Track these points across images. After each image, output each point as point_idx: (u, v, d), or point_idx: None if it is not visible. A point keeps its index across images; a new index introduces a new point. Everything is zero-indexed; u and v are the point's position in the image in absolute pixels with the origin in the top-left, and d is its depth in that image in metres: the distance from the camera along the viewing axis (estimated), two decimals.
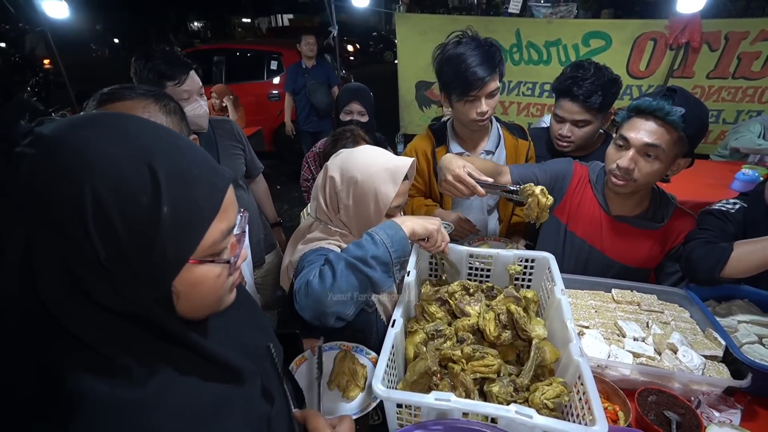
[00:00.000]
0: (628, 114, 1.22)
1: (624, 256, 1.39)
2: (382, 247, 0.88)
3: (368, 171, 1.02)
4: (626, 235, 1.37)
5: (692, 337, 1.09)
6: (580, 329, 1.14)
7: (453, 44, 1.45)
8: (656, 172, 1.18)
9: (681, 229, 1.33)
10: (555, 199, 1.47)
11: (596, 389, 0.80)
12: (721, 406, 0.93)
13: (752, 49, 3.61)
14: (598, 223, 1.41)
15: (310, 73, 4.18)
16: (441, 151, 1.66)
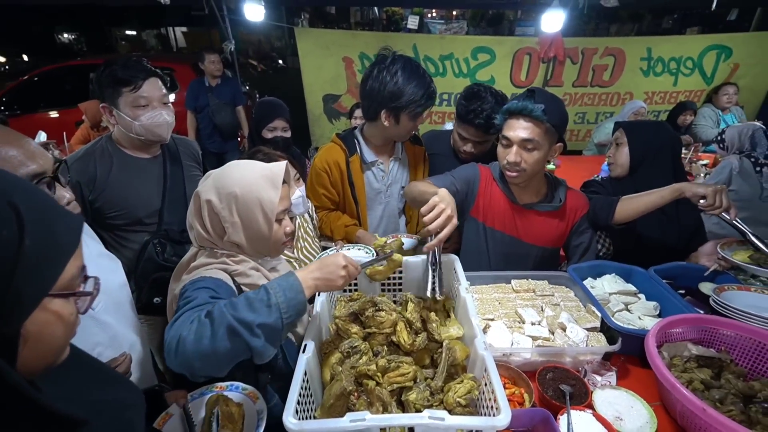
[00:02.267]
0: (504, 117, 1.40)
1: (538, 239, 1.55)
2: (276, 313, 0.80)
3: (246, 182, 0.98)
4: (535, 220, 1.53)
5: (577, 314, 1.24)
6: (487, 322, 1.21)
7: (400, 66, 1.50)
8: (539, 160, 1.38)
9: (576, 206, 1.54)
10: (468, 201, 1.58)
11: (499, 380, 0.85)
12: (601, 371, 1.06)
13: (601, 62, 4.35)
14: (510, 213, 1.55)
15: (214, 92, 3.94)
16: (354, 160, 1.68)
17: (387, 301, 1.13)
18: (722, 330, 1.09)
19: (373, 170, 1.72)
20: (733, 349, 1.08)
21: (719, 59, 4.46)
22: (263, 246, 1.05)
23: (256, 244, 1.04)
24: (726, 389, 0.97)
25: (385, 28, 10.59)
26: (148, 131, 1.48)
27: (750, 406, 0.93)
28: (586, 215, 1.54)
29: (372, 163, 1.71)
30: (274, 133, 2.22)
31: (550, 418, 0.91)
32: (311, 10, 11.18)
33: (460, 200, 1.54)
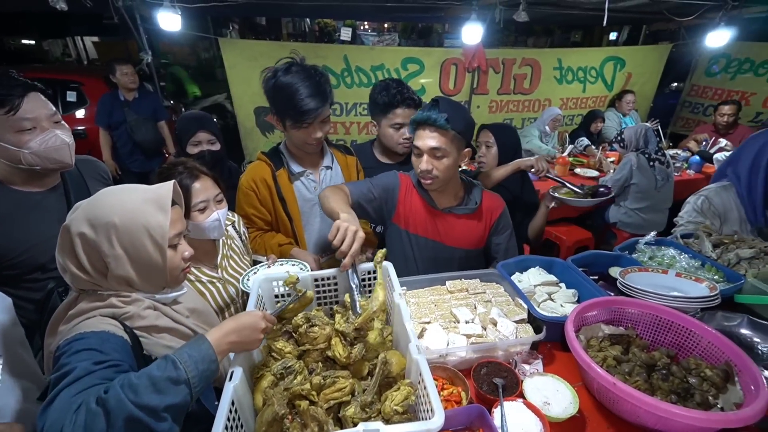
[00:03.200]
0: (413, 127, 1.46)
1: (460, 241, 1.60)
2: (185, 390, 0.72)
3: (126, 209, 0.87)
4: (455, 223, 1.59)
5: (507, 308, 1.30)
6: (423, 326, 1.23)
7: (283, 71, 1.47)
8: (450, 166, 1.44)
9: (492, 207, 1.62)
10: (389, 208, 1.60)
11: (433, 383, 0.86)
12: (530, 360, 1.13)
13: (521, 72, 4.71)
14: (431, 218, 1.59)
15: (131, 107, 3.62)
16: (281, 174, 1.64)
17: (320, 316, 1.10)
18: (628, 309, 1.21)
19: (302, 181, 1.68)
20: (638, 324, 1.20)
21: (616, 69, 5.07)
22: (158, 277, 0.94)
23: (149, 276, 0.92)
24: (633, 362, 1.07)
25: (318, 40, 10.54)
26: (44, 159, 1.25)
27: (652, 374, 1.04)
28: (502, 215, 1.63)
29: (300, 174, 1.67)
30: (199, 147, 2.10)
31: (485, 412, 0.94)
32: (240, 21, 10.82)
33: (377, 207, 1.57)
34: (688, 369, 1.04)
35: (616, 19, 5.30)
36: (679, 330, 1.13)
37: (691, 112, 5.39)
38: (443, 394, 1.05)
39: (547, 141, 4.33)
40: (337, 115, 4.29)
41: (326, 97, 1.49)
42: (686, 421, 0.83)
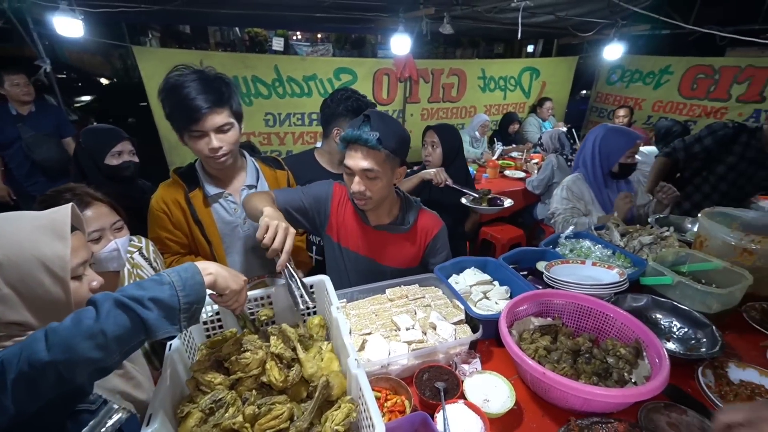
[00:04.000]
0: (343, 145, 1.35)
1: (392, 260, 1.58)
2: (170, 290, 0.74)
3: (13, 241, 0.75)
4: (388, 241, 1.56)
5: (445, 311, 1.32)
6: (364, 337, 1.21)
7: (176, 74, 1.34)
8: (384, 187, 1.38)
9: (427, 227, 1.58)
10: (321, 219, 1.56)
11: (372, 396, 0.84)
12: (468, 360, 1.15)
13: (448, 81, 4.95)
14: (363, 235, 1.56)
15: (26, 122, 3.18)
16: (196, 195, 1.51)
17: (253, 340, 1.03)
18: (554, 300, 1.29)
19: (221, 203, 1.54)
20: (563, 314, 1.29)
21: (532, 78, 5.55)
22: (62, 315, 0.81)
23: (49, 315, 0.78)
24: (561, 349, 1.14)
25: (249, 50, 10.19)
26: None
27: (578, 359, 1.12)
28: (438, 236, 1.59)
29: (217, 196, 1.53)
30: (121, 158, 1.92)
31: (427, 419, 0.94)
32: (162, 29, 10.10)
33: (309, 217, 1.52)
34: (606, 350, 1.13)
35: (529, 33, 5.79)
36: (598, 315, 1.23)
37: (598, 116, 6.04)
38: (387, 405, 1.04)
39: (478, 146, 4.58)
40: (270, 126, 4.17)
41: (222, 100, 1.34)
42: (606, 400, 0.90)
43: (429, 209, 1.68)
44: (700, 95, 4.78)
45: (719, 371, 1.13)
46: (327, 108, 1.94)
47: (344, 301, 1.39)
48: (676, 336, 1.31)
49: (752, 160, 2.21)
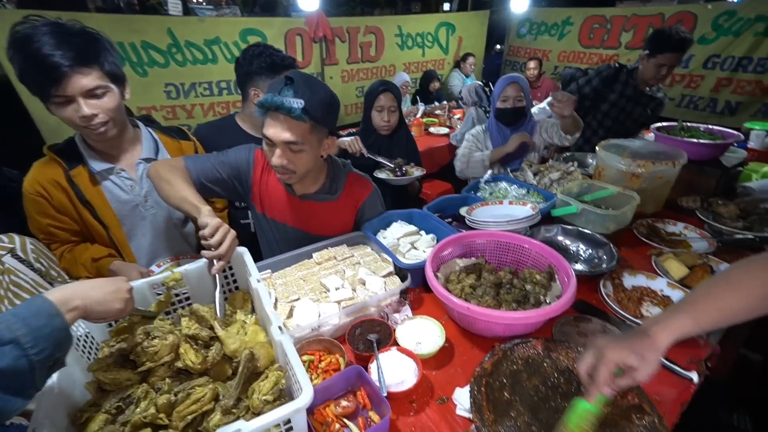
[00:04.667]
0: (262, 111, 1.16)
1: (323, 229, 1.50)
2: (13, 352, 0.58)
3: None
4: (316, 211, 1.46)
5: (374, 266, 1.31)
6: (291, 304, 1.16)
7: (25, 26, 1.06)
8: (310, 160, 1.25)
9: (357, 193, 1.51)
10: (244, 188, 1.43)
11: (298, 359, 0.81)
12: (399, 309, 1.16)
13: (365, 40, 4.78)
14: (290, 205, 1.45)
15: None
16: (80, 173, 1.28)
17: (161, 325, 0.93)
18: (476, 240, 1.34)
19: (113, 180, 1.33)
20: (485, 252, 1.34)
21: (448, 33, 5.57)
22: None
23: None
24: (485, 285, 1.20)
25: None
26: None
27: (500, 291, 1.18)
28: (368, 200, 1.52)
29: (107, 172, 1.31)
30: None
31: (361, 371, 0.93)
32: None
33: (229, 188, 1.39)
34: (524, 279, 1.21)
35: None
36: (516, 248, 1.30)
37: (512, 69, 6.31)
38: (321, 366, 1.01)
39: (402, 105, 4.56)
40: (173, 98, 3.72)
41: (88, 57, 1.11)
42: (524, 322, 0.96)
43: (360, 172, 1.61)
44: (596, 44, 5.18)
45: (616, 281, 1.27)
46: (240, 67, 1.74)
47: (268, 272, 1.32)
48: (583, 258, 1.45)
49: (630, 97, 2.45)
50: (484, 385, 0.90)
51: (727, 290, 0.75)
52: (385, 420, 0.82)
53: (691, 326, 0.74)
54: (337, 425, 0.87)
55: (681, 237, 1.54)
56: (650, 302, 1.20)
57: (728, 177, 1.74)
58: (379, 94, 2.03)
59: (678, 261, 1.31)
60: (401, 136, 2.22)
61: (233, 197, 1.47)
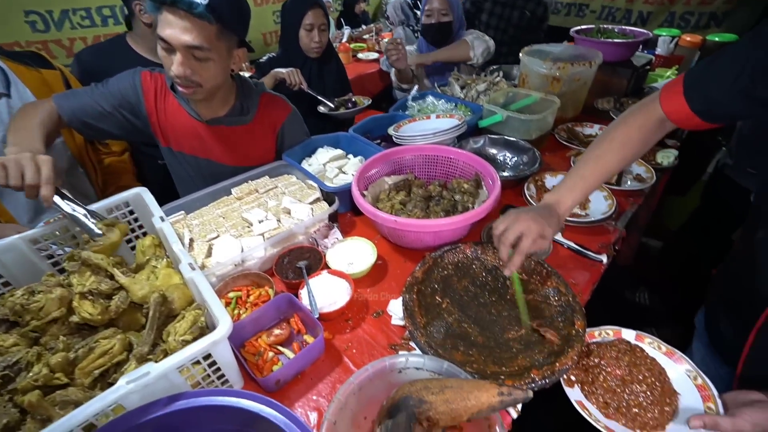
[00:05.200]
0: (154, 6, 0.97)
1: (241, 159, 1.36)
2: None
3: None
4: (228, 137, 1.31)
5: (300, 194, 1.23)
6: (210, 242, 1.06)
7: None
8: (218, 72, 1.08)
9: (274, 115, 1.36)
10: (140, 120, 1.23)
11: (212, 294, 0.74)
12: (328, 234, 1.12)
13: None
14: (197, 133, 1.28)
15: None
16: None
17: (47, 280, 0.80)
18: (405, 156, 1.29)
19: None
20: (414, 167, 1.31)
21: None
22: None
23: None
24: (414, 200, 1.18)
25: None
26: None
27: (429, 204, 1.17)
28: (287, 123, 1.39)
29: None
30: None
31: (291, 297, 0.89)
32: None
33: (119, 123, 1.19)
34: (453, 190, 1.20)
35: None
36: (444, 160, 1.28)
37: None
38: (251, 300, 0.96)
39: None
40: (40, 30, 3.03)
41: None
42: (450, 227, 0.96)
43: (274, 92, 1.44)
44: None
45: (539, 183, 1.31)
46: None
47: (181, 213, 1.18)
48: (510, 165, 1.47)
49: (504, 3, 2.41)
50: (415, 293, 0.91)
51: (607, 151, 0.87)
52: (318, 339, 0.81)
53: (581, 190, 0.88)
54: (271, 353, 0.84)
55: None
56: None
57: (638, 77, 1.83)
58: (308, 10, 1.78)
59: None
60: (332, 63, 2.01)
61: (133, 136, 1.27)
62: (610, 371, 0.74)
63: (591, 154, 0.89)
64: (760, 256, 0.77)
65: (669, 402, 0.70)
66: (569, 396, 0.73)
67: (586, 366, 0.77)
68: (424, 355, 0.75)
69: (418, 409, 0.61)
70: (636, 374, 0.73)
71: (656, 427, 0.68)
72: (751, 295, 0.78)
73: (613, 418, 0.70)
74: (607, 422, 0.69)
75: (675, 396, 0.72)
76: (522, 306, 0.86)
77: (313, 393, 0.79)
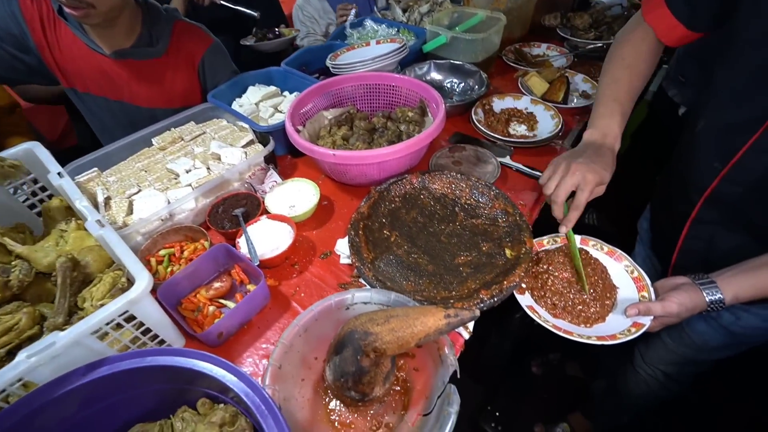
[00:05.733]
0: None
1: (158, 99, 1.21)
2: None
3: None
4: (139, 74, 1.16)
5: (231, 137, 1.11)
6: (130, 198, 0.94)
7: None
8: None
9: (191, 45, 1.22)
10: (32, 56, 1.04)
11: (126, 249, 0.66)
12: (264, 178, 1.02)
13: None
14: (101, 69, 1.12)
15: None
16: None
17: None
18: (344, 87, 1.18)
19: None
20: (355, 99, 1.21)
21: None
22: None
23: None
24: (357, 133, 1.09)
25: None
26: None
27: (373, 136, 1.09)
28: (207, 55, 1.24)
29: None
30: None
31: (227, 247, 0.82)
32: None
33: (6, 64, 1.01)
34: (397, 119, 1.13)
35: None
36: (386, 89, 1.18)
37: None
38: (185, 255, 0.88)
39: None
40: None
41: None
42: (394, 157, 0.90)
43: (190, 20, 1.26)
44: None
45: (486, 107, 1.26)
46: None
47: (94, 170, 1.03)
48: (457, 92, 1.40)
49: None
50: (362, 229, 0.86)
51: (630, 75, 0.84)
52: (260, 286, 0.75)
53: (622, 114, 0.82)
54: (212, 308, 0.79)
55: (545, 57, 1.56)
56: (516, 121, 1.23)
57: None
58: None
59: (540, 78, 1.33)
60: None
61: (29, 77, 1.10)
62: (558, 275, 0.76)
63: (607, 78, 0.86)
64: (696, 148, 0.79)
65: (609, 296, 0.74)
66: (521, 302, 0.75)
67: (536, 273, 0.78)
68: (371, 289, 0.72)
69: (364, 341, 0.58)
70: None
71: (597, 320, 0.72)
72: (688, 188, 0.81)
73: (560, 317, 0.73)
74: (554, 321, 0.72)
75: (614, 290, 0.76)
76: (580, 270, 0.75)
77: (262, 341, 0.76)
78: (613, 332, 0.68)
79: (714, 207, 0.76)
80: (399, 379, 0.68)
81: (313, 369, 0.69)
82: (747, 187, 0.70)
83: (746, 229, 0.74)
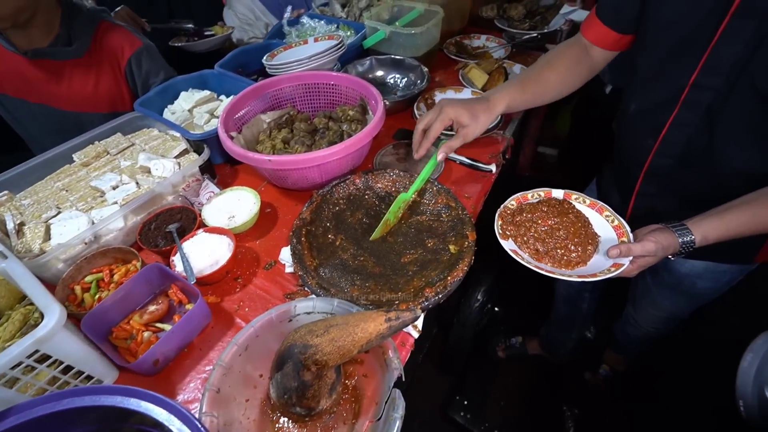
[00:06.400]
0: None
1: (81, 103, 1.14)
2: None
3: None
4: (58, 75, 1.09)
5: (163, 148, 1.04)
6: (47, 222, 0.86)
7: None
8: None
9: (117, 47, 1.15)
10: None
11: (32, 281, 0.60)
12: (200, 190, 0.97)
13: None
14: (18, 70, 1.05)
15: None
16: None
17: None
18: (282, 87, 1.14)
19: None
20: (295, 100, 1.17)
21: None
22: None
23: None
24: (298, 135, 1.06)
25: None
26: None
27: (315, 138, 1.06)
28: (135, 57, 1.18)
29: None
30: None
31: (160, 266, 0.77)
32: None
33: None
34: (338, 119, 1.10)
35: None
36: (326, 88, 1.16)
37: None
38: (115, 279, 0.81)
39: None
40: None
41: None
42: (335, 158, 0.87)
43: (120, 23, 1.19)
44: None
45: (429, 101, 1.26)
46: None
47: (5, 193, 0.94)
48: (401, 87, 1.39)
49: None
50: (304, 235, 0.84)
51: (545, 69, 0.92)
52: (197, 304, 0.71)
53: (519, 96, 0.90)
54: (147, 333, 0.74)
55: (484, 49, 1.59)
56: None
57: None
58: None
59: (479, 70, 1.35)
60: None
61: None
62: (541, 223, 0.77)
63: (530, 73, 0.93)
64: (632, 129, 0.85)
65: (591, 242, 0.76)
66: (504, 247, 0.75)
67: (519, 222, 0.79)
68: (314, 297, 0.70)
69: (304, 355, 0.56)
70: (564, 222, 0.77)
71: (579, 263, 0.74)
72: (631, 163, 0.88)
73: (543, 261, 0.75)
74: (537, 263, 0.73)
75: (596, 238, 0.77)
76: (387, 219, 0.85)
77: (204, 364, 0.72)
78: (594, 272, 0.71)
79: (653, 181, 0.85)
80: (349, 387, 0.67)
81: (259, 387, 0.66)
82: (676, 159, 0.78)
83: (683, 199, 0.82)
